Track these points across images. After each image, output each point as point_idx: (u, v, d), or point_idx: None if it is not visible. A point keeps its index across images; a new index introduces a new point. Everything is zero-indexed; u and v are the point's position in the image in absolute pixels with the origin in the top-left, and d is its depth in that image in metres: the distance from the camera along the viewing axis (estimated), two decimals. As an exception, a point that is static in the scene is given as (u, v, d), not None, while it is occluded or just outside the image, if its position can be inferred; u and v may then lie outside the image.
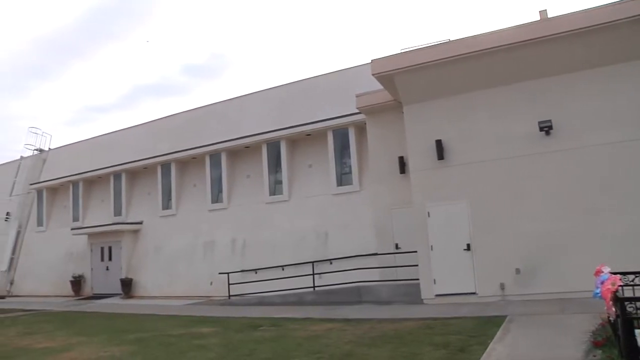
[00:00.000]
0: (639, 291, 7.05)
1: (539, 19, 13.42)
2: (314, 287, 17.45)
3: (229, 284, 19.37)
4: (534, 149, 13.08)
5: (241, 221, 22.15)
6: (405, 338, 9.82)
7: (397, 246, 16.34)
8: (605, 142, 12.34)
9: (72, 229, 27.77)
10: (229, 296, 19.27)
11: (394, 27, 68.07)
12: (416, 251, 14.40)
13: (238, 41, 73.65)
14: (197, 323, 14.11)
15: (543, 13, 13.39)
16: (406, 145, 15.03)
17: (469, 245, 13.65)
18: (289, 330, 11.78)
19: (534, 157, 13.08)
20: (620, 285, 5.91)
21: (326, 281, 17.40)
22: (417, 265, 14.30)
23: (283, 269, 19.27)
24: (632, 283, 7.12)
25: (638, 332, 5.32)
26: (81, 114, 75.26)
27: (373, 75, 14.80)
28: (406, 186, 15.29)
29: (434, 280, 13.96)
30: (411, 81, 14.45)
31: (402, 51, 14.52)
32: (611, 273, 6.21)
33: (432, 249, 14.08)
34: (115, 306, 20.95)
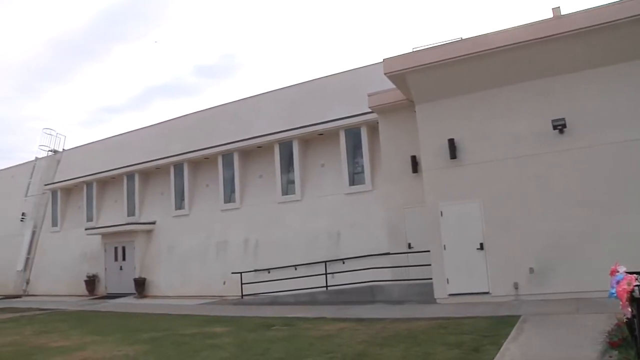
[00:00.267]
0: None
1: (551, 16, 13.30)
2: (326, 286, 17.44)
3: (241, 284, 19.43)
4: (547, 147, 12.97)
5: (254, 221, 22.19)
6: (418, 338, 9.79)
7: (409, 246, 16.29)
8: (620, 140, 12.19)
9: (86, 229, 27.97)
10: (242, 296, 19.32)
11: (405, 26, 67.89)
12: (429, 250, 14.36)
13: (249, 41, 73.83)
14: (210, 322, 14.16)
15: (556, 10, 13.27)
16: (418, 145, 14.97)
17: (482, 245, 13.58)
18: (302, 329, 11.79)
19: (547, 156, 12.97)
20: (636, 285, 5.85)
21: (338, 281, 17.38)
22: (430, 265, 14.25)
23: (296, 269, 19.29)
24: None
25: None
26: (94, 115, 75.82)
27: (385, 74, 14.75)
28: (418, 185, 15.24)
29: (447, 279, 13.91)
30: (423, 80, 14.40)
31: (414, 50, 14.47)
32: (627, 273, 6.15)
33: (445, 249, 14.02)
34: (129, 306, 21.08)
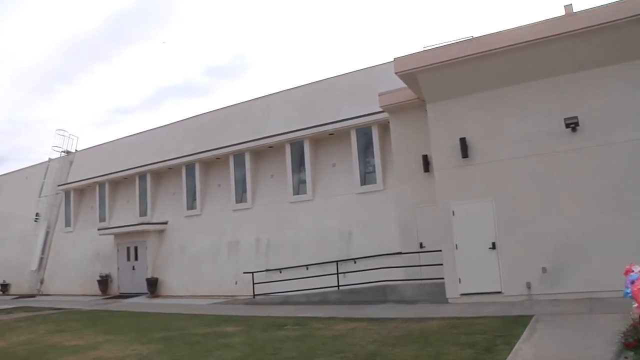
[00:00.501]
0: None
1: (564, 13, 13.21)
2: (338, 286, 17.44)
3: (253, 284, 19.48)
4: (560, 146, 12.87)
5: (265, 221, 22.24)
6: (430, 337, 9.75)
7: (421, 245, 16.25)
8: (633, 138, 12.06)
9: (98, 229, 28.19)
10: (254, 295, 19.37)
11: (416, 25, 67.69)
12: (441, 250, 14.31)
13: (259, 41, 73.95)
14: (222, 322, 14.20)
15: (568, 8, 13.17)
16: (430, 144, 14.92)
17: (494, 244, 13.51)
18: (314, 329, 11.78)
19: (560, 155, 12.87)
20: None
21: (350, 280, 17.38)
22: (442, 264, 14.21)
23: (307, 269, 19.31)
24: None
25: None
26: (107, 116, 76.36)
27: (396, 73, 14.72)
28: (430, 185, 15.19)
29: (459, 279, 13.85)
30: (434, 79, 14.35)
31: (425, 49, 14.41)
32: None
33: (456, 248, 13.96)
34: (142, 305, 21.20)
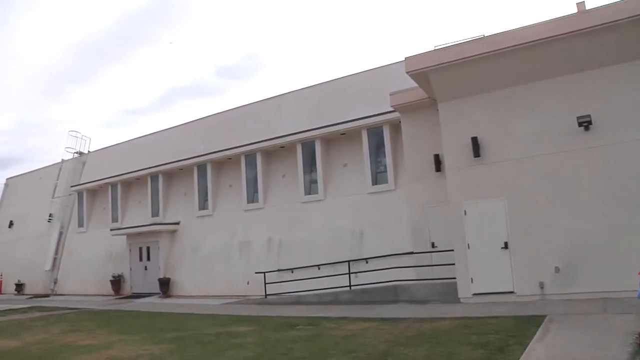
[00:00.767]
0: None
1: (576, 11, 13.10)
2: (349, 286, 17.43)
3: (265, 283, 19.52)
4: (572, 144, 12.78)
5: (277, 221, 22.27)
6: (442, 337, 9.73)
7: (433, 245, 16.20)
8: (647, 136, 11.99)
9: (111, 229, 28.34)
10: (266, 295, 19.41)
11: (427, 24, 67.49)
12: (452, 250, 14.27)
13: (270, 41, 74.08)
14: (234, 322, 14.24)
15: (580, 5, 13.07)
16: (441, 143, 14.88)
17: (506, 244, 13.44)
18: (326, 329, 11.79)
19: (573, 153, 12.78)
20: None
21: (362, 280, 17.36)
22: (454, 264, 14.16)
23: (319, 268, 19.31)
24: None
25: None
26: (118, 117, 76.88)
27: (407, 73, 14.70)
28: (442, 184, 15.15)
29: (471, 279, 13.80)
30: (445, 78, 14.30)
31: (436, 48, 14.36)
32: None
33: (468, 248, 13.91)
34: (154, 305, 21.31)
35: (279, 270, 20.54)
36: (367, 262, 18.15)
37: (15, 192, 38.21)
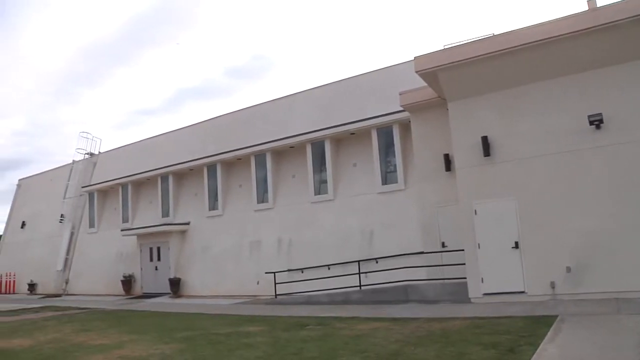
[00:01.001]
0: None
1: (586, 8, 13.01)
2: (360, 286, 17.42)
3: (275, 283, 19.55)
4: (583, 143, 12.70)
5: (287, 221, 22.30)
6: (452, 337, 9.71)
7: (443, 244, 16.14)
8: (660, 135, 11.88)
9: (122, 230, 28.55)
10: (276, 295, 19.44)
11: (436, 23, 67.29)
12: (463, 249, 14.22)
13: (279, 42, 74.19)
14: (244, 322, 14.27)
15: (591, 3, 12.98)
16: (451, 143, 14.84)
17: (517, 243, 13.38)
18: (336, 329, 11.79)
19: (584, 152, 12.70)
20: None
21: (372, 280, 17.33)
22: (464, 264, 14.11)
23: (329, 268, 19.30)
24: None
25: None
26: (129, 118, 77.38)
27: (416, 72, 14.66)
28: (452, 184, 15.11)
29: (482, 278, 13.75)
30: (455, 77, 14.26)
31: (445, 47, 14.32)
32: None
33: (479, 247, 13.86)
34: (165, 305, 21.40)
35: (289, 270, 20.56)
36: (377, 262, 18.12)
37: (27, 193, 38.58)
